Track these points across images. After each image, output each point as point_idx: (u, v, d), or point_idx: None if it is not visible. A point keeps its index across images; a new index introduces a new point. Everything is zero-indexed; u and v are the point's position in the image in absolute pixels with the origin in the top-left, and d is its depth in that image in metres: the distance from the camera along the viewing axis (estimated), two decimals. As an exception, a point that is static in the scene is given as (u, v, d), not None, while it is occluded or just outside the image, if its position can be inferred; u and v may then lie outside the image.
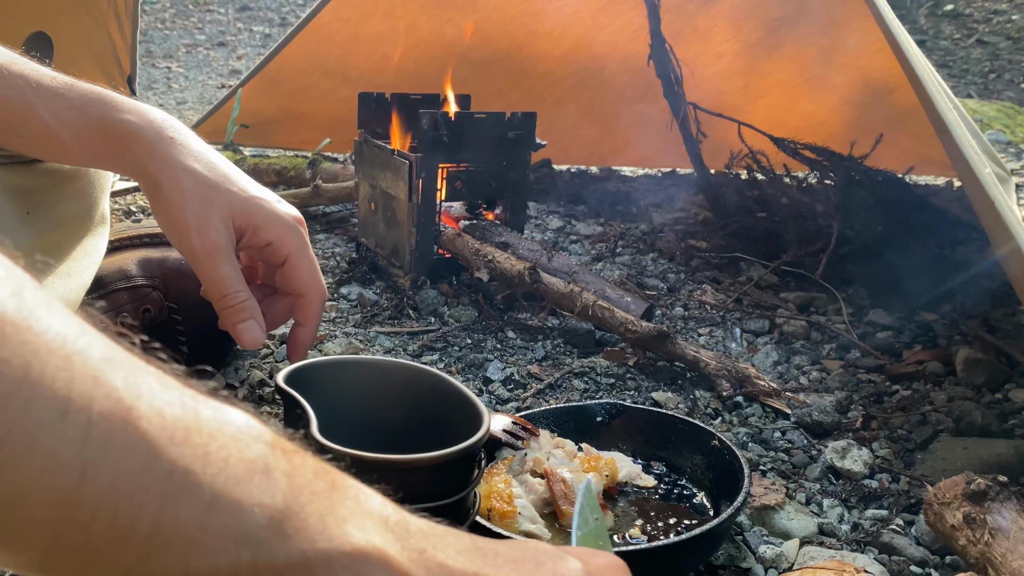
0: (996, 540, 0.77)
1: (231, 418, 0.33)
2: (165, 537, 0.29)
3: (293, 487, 0.33)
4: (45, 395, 0.27)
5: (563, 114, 2.54)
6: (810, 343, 1.47)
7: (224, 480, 0.30)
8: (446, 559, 0.37)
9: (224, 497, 0.30)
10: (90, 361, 0.29)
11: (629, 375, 1.27)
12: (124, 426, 0.28)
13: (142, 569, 0.29)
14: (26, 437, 0.26)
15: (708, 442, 0.94)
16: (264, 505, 0.31)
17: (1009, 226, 1.02)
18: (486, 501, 0.82)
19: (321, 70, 2.54)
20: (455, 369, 1.28)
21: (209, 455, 0.30)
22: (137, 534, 0.29)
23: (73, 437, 0.27)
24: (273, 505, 0.31)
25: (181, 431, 0.30)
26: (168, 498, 0.29)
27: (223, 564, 0.30)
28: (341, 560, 0.33)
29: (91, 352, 0.29)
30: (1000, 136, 3.62)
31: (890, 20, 1.30)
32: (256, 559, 0.31)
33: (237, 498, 0.30)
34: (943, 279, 1.64)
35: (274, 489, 0.32)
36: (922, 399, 1.23)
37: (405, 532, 0.37)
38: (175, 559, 0.29)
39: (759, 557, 0.84)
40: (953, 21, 6.44)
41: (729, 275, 1.82)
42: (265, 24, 6.67)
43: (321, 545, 0.32)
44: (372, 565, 0.34)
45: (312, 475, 0.35)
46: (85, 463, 0.27)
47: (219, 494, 0.30)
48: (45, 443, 0.27)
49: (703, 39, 2.39)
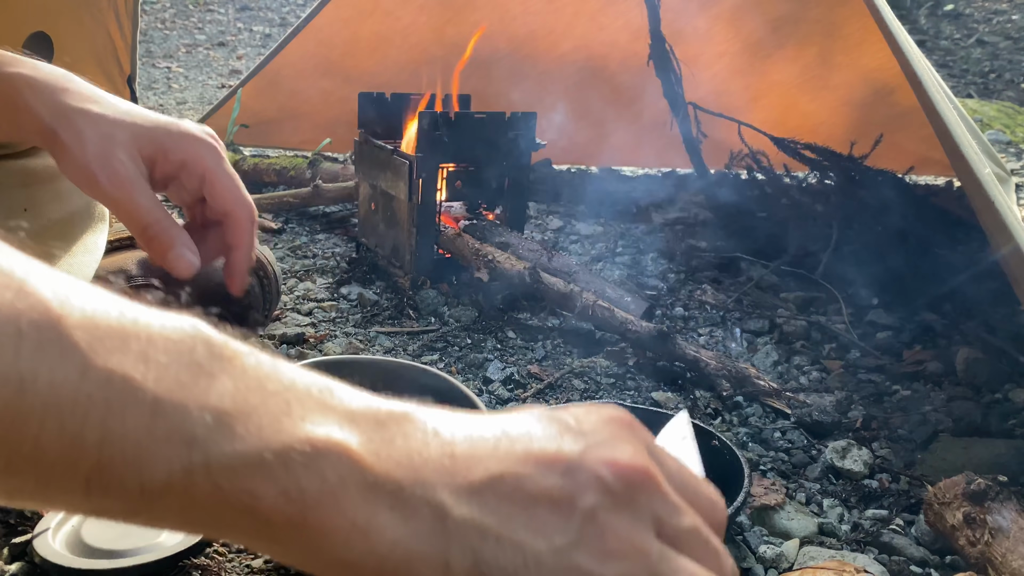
0: (996, 540, 0.77)
1: (172, 323, 0.32)
2: (115, 446, 0.29)
3: (243, 387, 0.32)
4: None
5: (563, 114, 2.54)
6: (810, 343, 1.47)
7: (168, 384, 0.30)
8: (421, 447, 0.35)
9: (168, 401, 0.30)
10: (15, 274, 0.29)
11: (629, 375, 1.27)
12: (55, 335, 0.29)
13: (98, 482, 0.29)
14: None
15: (708, 442, 0.94)
16: (211, 407, 0.31)
17: (1009, 226, 1.02)
18: (486, 501, 0.81)
19: (321, 70, 2.54)
20: (455, 369, 1.28)
21: (149, 360, 0.30)
22: (87, 444, 0.29)
23: (6, 348, 0.27)
24: (221, 406, 0.31)
25: (117, 338, 0.30)
26: (111, 404, 0.29)
27: (176, 469, 0.30)
28: (298, 458, 0.31)
29: (14, 267, 0.29)
30: (1000, 136, 3.61)
31: (890, 20, 1.30)
32: (209, 461, 0.30)
33: (182, 401, 0.30)
34: (943, 279, 1.64)
35: (221, 391, 0.31)
36: (922, 399, 1.23)
37: (374, 422, 0.35)
38: (128, 468, 0.29)
39: (759, 557, 0.84)
40: (953, 21, 6.45)
41: (729, 275, 1.82)
42: (265, 24, 6.67)
43: (276, 443, 0.31)
44: (332, 460, 0.32)
45: (266, 374, 0.33)
46: (22, 374, 0.28)
47: (162, 398, 0.30)
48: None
49: (703, 39, 2.39)
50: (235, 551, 0.80)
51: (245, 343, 0.34)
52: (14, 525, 0.80)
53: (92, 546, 0.74)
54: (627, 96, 2.55)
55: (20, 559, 0.75)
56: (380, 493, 0.33)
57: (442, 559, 0.33)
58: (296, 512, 0.31)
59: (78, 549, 0.73)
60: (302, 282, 1.64)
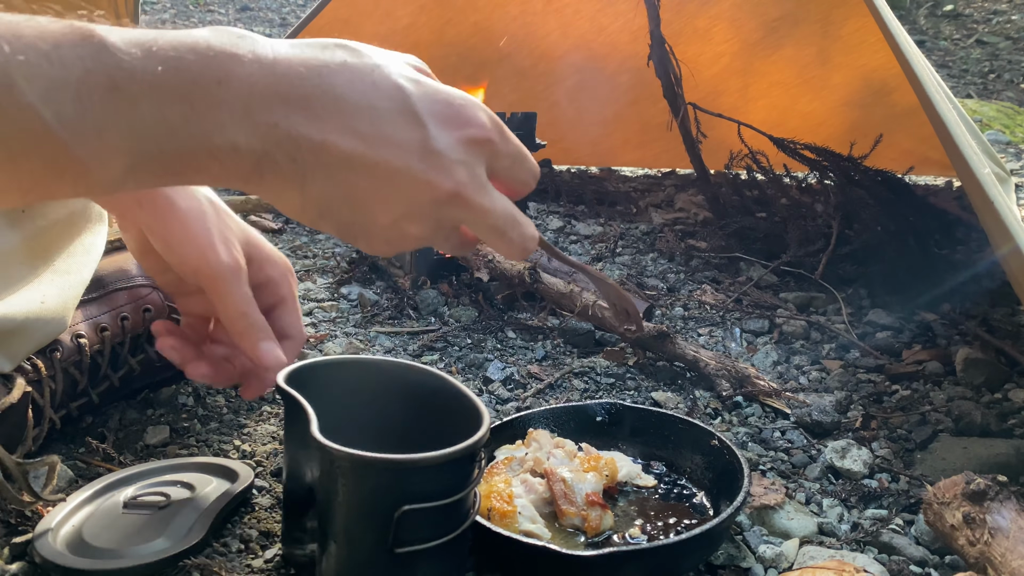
0: (996, 540, 0.77)
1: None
2: (20, 89, 0.42)
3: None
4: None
5: (563, 114, 2.54)
6: (810, 343, 1.47)
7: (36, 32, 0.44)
8: (170, 39, 0.48)
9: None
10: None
11: (629, 375, 1.28)
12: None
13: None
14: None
15: (708, 442, 0.94)
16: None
17: (1008, 226, 1.02)
18: (486, 500, 0.82)
19: (321, 70, 2.54)
20: (455, 369, 1.28)
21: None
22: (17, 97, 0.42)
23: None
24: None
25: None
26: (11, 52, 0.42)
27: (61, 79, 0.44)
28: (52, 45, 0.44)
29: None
30: (1000, 136, 3.61)
31: (890, 20, 1.30)
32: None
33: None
34: (943, 279, 1.64)
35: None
36: (922, 399, 1.24)
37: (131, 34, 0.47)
38: (34, 86, 0.43)
39: (759, 557, 0.84)
40: (953, 21, 6.44)
41: (729, 275, 1.82)
42: (265, 24, 6.67)
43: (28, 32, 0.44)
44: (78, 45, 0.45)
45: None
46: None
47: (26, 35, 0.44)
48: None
49: (703, 39, 2.39)
50: (235, 551, 0.80)
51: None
52: (14, 525, 0.80)
53: (92, 546, 0.74)
54: (627, 96, 2.55)
55: (21, 559, 0.75)
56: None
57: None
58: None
59: (78, 549, 0.74)
60: (302, 282, 1.64)
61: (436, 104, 0.53)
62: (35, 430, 0.88)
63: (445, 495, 0.66)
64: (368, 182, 0.51)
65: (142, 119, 0.45)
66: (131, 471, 0.87)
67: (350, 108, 0.50)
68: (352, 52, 0.52)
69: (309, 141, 0.49)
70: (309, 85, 0.49)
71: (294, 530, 0.76)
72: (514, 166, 0.58)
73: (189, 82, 0.46)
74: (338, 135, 0.50)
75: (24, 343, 0.87)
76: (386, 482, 0.64)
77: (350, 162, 0.50)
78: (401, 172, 0.51)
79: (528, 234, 0.58)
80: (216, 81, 0.47)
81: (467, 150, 0.53)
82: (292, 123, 0.49)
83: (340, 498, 0.65)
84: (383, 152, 0.50)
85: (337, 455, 0.63)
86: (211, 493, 0.84)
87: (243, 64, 0.48)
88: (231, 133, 0.48)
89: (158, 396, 1.08)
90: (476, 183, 0.54)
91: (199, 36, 0.48)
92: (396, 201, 0.52)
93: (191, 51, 0.47)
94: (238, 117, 0.48)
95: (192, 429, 1.02)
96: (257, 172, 0.50)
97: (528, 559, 0.76)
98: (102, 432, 0.99)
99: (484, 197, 0.55)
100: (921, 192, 2.20)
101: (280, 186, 0.51)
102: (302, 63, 0.50)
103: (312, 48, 0.51)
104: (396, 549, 0.64)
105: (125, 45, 0.46)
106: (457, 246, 0.59)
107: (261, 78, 0.48)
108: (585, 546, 0.81)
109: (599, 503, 0.84)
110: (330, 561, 0.67)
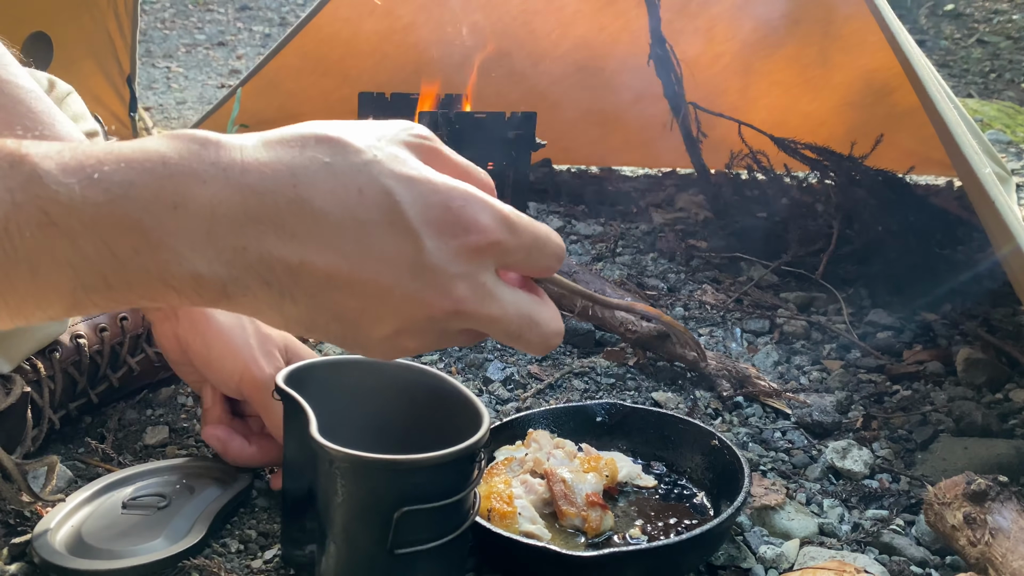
0: (996, 540, 0.77)
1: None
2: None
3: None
4: None
5: (563, 114, 2.54)
6: (810, 343, 1.47)
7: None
8: (101, 151, 0.42)
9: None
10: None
11: (629, 375, 1.27)
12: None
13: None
14: None
15: (708, 442, 0.94)
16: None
17: (1009, 226, 1.02)
18: (486, 501, 0.81)
19: (321, 70, 2.54)
20: (455, 369, 1.28)
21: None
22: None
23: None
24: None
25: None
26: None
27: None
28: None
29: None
30: (1000, 136, 3.61)
31: (890, 20, 1.30)
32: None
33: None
34: (943, 279, 1.64)
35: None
36: (922, 399, 1.23)
37: (72, 149, 0.41)
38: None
39: (759, 557, 0.84)
40: (953, 21, 6.44)
41: (729, 275, 1.82)
42: (265, 24, 6.67)
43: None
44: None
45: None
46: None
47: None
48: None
49: (703, 39, 2.39)
50: (235, 552, 0.80)
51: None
52: (13, 525, 0.79)
53: (92, 546, 0.74)
54: (627, 96, 2.55)
55: (20, 559, 0.75)
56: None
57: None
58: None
59: (78, 549, 0.73)
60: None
61: (431, 210, 0.45)
62: (34, 430, 0.88)
63: (445, 496, 0.65)
64: (356, 301, 0.45)
65: (83, 255, 0.40)
66: (130, 471, 0.86)
67: (331, 224, 0.43)
68: (335, 148, 0.45)
69: (284, 263, 0.43)
70: (283, 200, 0.43)
71: (293, 531, 0.76)
72: (530, 257, 0.50)
73: (140, 210, 0.40)
74: (317, 255, 0.43)
75: (23, 344, 0.87)
76: (385, 483, 0.64)
77: (333, 282, 0.44)
78: (392, 291, 0.45)
79: (549, 332, 0.52)
80: (172, 206, 0.41)
81: (468, 260, 0.46)
82: (264, 245, 0.43)
83: (339, 499, 0.65)
84: (369, 270, 0.44)
85: (336, 456, 0.63)
86: (210, 493, 0.83)
87: (204, 183, 0.42)
88: (191, 262, 0.42)
89: (157, 396, 1.08)
90: (479, 294, 0.47)
91: (152, 151, 0.42)
92: (389, 319, 0.46)
93: (142, 172, 0.41)
94: (200, 244, 0.42)
95: (191, 429, 1.01)
96: (225, 297, 0.44)
97: (528, 560, 0.76)
98: (101, 432, 0.99)
99: (491, 307, 0.48)
100: (922, 192, 2.20)
101: (255, 308, 0.45)
102: (275, 172, 0.43)
103: (289, 147, 0.45)
104: (396, 550, 0.64)
105: (61, 173, 0.40)
106: (469, 342, 0.52)
107: (227, 197, 0.42)
108: (585, 547, 0.81)
109: (599, 504, 0.84)
110: (329, 562, 0.67)
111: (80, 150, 0.41)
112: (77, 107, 1.04)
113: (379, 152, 0.46)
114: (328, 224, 0.43)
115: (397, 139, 0.48)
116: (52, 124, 0.76)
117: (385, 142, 0.47)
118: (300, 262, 0.43)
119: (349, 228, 0.44)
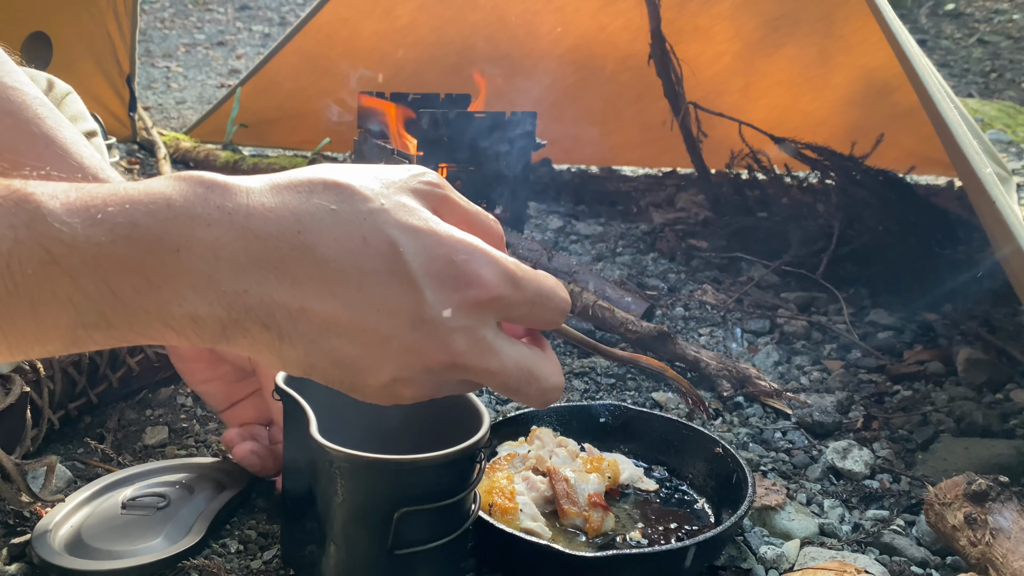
0: (997, 540, 0.77)
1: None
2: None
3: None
4: None
5: (563, 114, 2.54)
6: (811, 343, 1.47)
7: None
8: (95, 192, 0.42)
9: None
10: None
11: (629, 375, 1.27)
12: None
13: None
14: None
15: (711, 449, 0.93)
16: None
17: (1010, 226, 1.02)
18: (488, 496, 0.81)
19: (321, 70, 2.54)
20: (455, 369, 1.27)
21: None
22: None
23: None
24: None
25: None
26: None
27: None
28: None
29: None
30: (1001, 136, 3.61)
31: (891, 20, 1.30)
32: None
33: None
34: (943, 279, 1.64)
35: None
36: (923, 399, 1.23)
37: (76, 190, 0.42)
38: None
39: (760, 558, 0.84)
40: (954, 20, 6.44)
41: (730, 275, 1.82)
42: (265, 24, 6.67)
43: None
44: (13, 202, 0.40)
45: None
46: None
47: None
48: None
49: (703, 39, 2.39)
50: (234, 552, 0.80)
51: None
52: (13, 526, 0.79)
53: (92, 546, 0.74)
54: (627, 96, 2.55)
55: (19, 559, 0.75)
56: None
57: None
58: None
59: (77, 550, 0.73)
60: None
61: (434, 262, 0.45)
62: (34, 431, 0.88)
63: (445, 496, 0.65)
64: (354, 348, 0.45)
65: (84, 293, 0.41)
66: (130, 472, 0.86)
67: (333, 273, 0.44)
68: (342, 195, 0.45)
69: (284, 308, 0.44)
70: (287, 246, 0.43)
71: (293, 531, 0.75)
72: (533, 312, 0.50)
73: (143, 252, 0.41)
74: (318, 301, 0.44)
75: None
76: (385, 483, 0.64)
77: (333, 329, 0.45)
78: (390, 340, 0.45)
79: (548, 387, 0.51)
80: (174, 249, 0.41)
81: (468, 314, 0.46)
82: (265, 290, 0.43)
83: (339, 499, 0.64)
84: (369, 320, 0.45)
85: (336, 456, 0.63)
86: (210, 494, 0.83)
87: (208, 226, 0.42)
88: (191, 304, 0.42)
89: (157, 396, 1.07)
90: (478, 348, 0.47)
91: (157, 193, 0.42)
92: (387, 367, 0.46)
93: (146, 213, 0.41)
94: (201, 287, 0.42)
95: (191, 430, 1.01)
96: (224, 338, 0.44)
97: (531, 558, 0.76)
98: (101, 433, 0.99)
99: (489, 361, 0.48)
100: (922, 192, 2.20)
101: (253, 349, 0.46)
102: (280, 218, 0.43)
103: (296, 192, 0.45)
104: (395, 550, 0.64)
105: (66, 212, 0.40)
106: (468, 391, 0.53)
107: (230, 241, 0.42)
108: (587, 547, 0.81)
109: (601, 504, 0.84)
110: (329, 562, 0.67)
111: (86, 190, 0.41)
112: (76, 107, 1.04)
113: (386, 200, 0.46)
114: (331, 272, 0.44)
115: (406, 186, 0.48)
116: (58, 128, 0.76)
117: (394, 189, 0.47)
118: (300, 308, 0.44)
119: (351, 276, 0.44)
